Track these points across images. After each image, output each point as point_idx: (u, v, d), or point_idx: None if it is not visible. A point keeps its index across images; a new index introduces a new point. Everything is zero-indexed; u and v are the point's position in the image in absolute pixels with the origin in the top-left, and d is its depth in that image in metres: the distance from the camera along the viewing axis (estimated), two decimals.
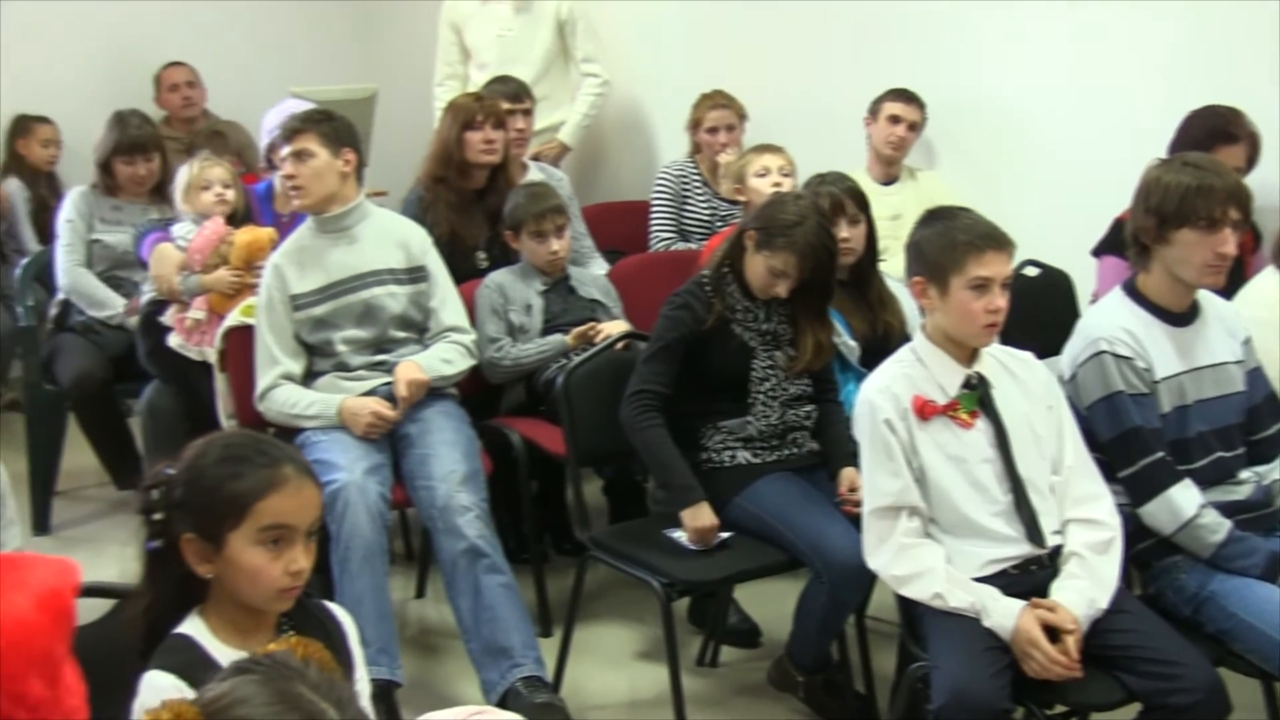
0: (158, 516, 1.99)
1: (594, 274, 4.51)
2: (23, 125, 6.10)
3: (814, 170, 3.81)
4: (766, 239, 3.33)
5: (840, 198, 3.63)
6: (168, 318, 4.22)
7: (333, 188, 3.70)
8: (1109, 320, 2.96)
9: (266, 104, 4.86)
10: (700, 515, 3.25)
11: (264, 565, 1.98)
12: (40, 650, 1.46)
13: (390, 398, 3.65)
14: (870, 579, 3.05)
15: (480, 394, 4.06)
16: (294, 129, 3.70)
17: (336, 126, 3.73)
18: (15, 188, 6.01)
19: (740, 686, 3.65)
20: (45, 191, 6.08)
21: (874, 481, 2.80)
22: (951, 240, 2.75)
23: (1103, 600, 2.68)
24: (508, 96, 4.90)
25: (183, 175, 4.39)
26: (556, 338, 4.07)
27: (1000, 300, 2.74)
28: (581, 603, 3.54)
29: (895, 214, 4.71)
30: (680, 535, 3.28)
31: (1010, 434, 2.78)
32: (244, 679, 1.42)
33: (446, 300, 3.86)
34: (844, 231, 3.63)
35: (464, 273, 4.24)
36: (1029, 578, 2.74)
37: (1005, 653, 2.62)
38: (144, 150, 4.96)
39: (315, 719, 1.40)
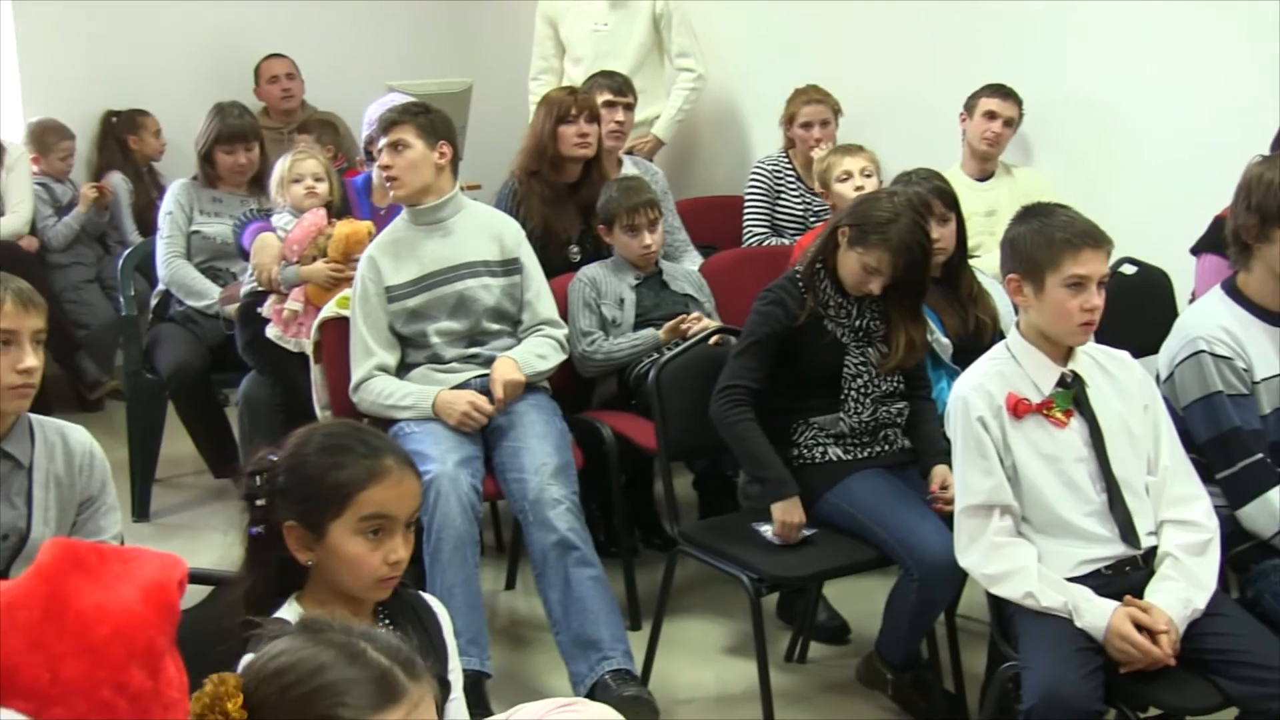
0: (260, 502, 2.02)
1: (687, 268, 4.51)
2: (130, 120, 6.25)
3: (909, 167, 3.78)
4: (860, 236, 3.30)
5: (926, 197, 3.60)
6: (266, 309, 4.29)
7: (428, 179, 3.74)
8: (1208, 319, 2.91)
9: (363, 96, 4.93)
10: (791, 510, 3.25)
11: (364, 554, 2.01)
12: (144, 642, 1.50)
13: (484, 390, 3.68)
14: (961, 577, 3.03)
15: (572, 387, 4.08)
16: (391, 120, 3.74)
17: (433, 119, 3.76)
18: (118, 180, 6.16)
19: (828, 683, 3.64)
20: (147, 184, 6.23)
21: (966, 479, 2.78)
22: (1048, 238, 2.72)
23: (1199, 602, 2.63)
24: (611, 90, 4.92)
25: (278, 168, 4.46)
26: (649, 332, 4.08)
27: (1096, 299, 2.71)
28: (670, 597, 3.55)
29: (990, 210, 4.66)
30: (766, 529, 3.28)
31: (1105, 433, 2.74)
32: (282, 640, 1.49)
33: (541, 293, 3.89)
34: (934, 231, 3.60)
35: (556, 266, 4.27)
36: (1123, 579, 2.70)
37: (1098, 654, 2.58)
38: (244, 139, 5.05)
39: (347, 647, 1.47)
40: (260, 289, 4.31)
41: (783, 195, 5.19)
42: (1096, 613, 2.59)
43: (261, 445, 2.11)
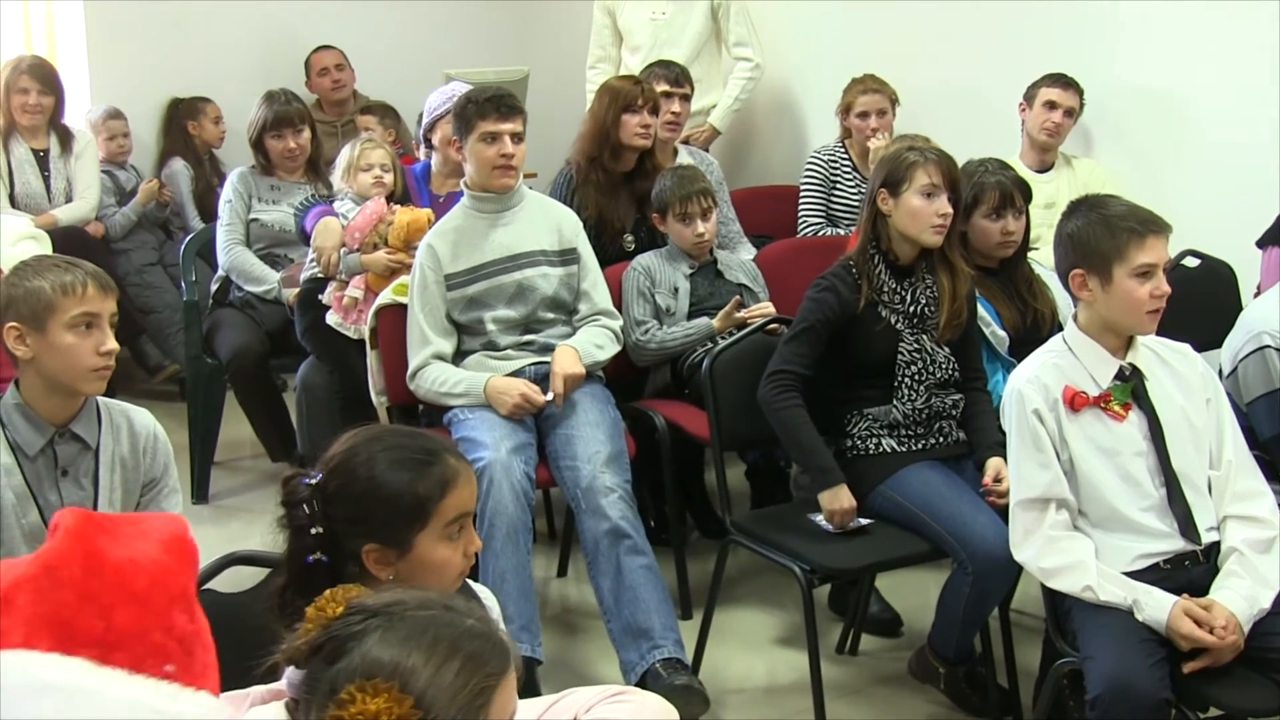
0: (317, 530, 1.97)
1: (741, 258, 4.50)
2: (191, 107, 6.33)
3: (966, 158, 3.75)
4: (897, 179, 3.31)
5: (1010, 189, 3.57)
6: (326, 296, 4.32)
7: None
8: (1273, 314, 2.88)
9: (415, 86, 4.95)
10: (838, 497, 3.24)
11: (451, 556, 2.03)
12: (178, 588, 1.54)
13: (537, 378, 3.69)
14: (1016, 571, 3.01)
15: (626, 376, 4.08)
16: (513, 109, 3.75)
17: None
18: (180, 168, 6.24)
19: (880, 675, 3.63)
20: (208, 171, 6.30)
21: (1022, 472, 2.76)
22: (1111, 228, 2.69)
23: (1265, 600, 2.60)
24: (668, 80, 4.92)
25: (344, 155, 4.49)
26: (702, 321, 4.07)
27: (1166, 285, 2.69)
28: (722, 586, 3.54)
29: (1049, 202, 4.61)
30: (821, 518, 3.27)
31: (1165, 427, 2.72)
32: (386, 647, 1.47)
33: (597, 283, 3.90)
34: (1010, 224, 3.58)
35: (611, 255, 4.28)
36: (1182, 572, 2.68)
37: (1162, 645, 2.55)
38: (292, 124, 5.08)
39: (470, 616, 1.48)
40: (321, 275, 4.34)
41: (838, 185, 5.17)
42: (1158, 605, 2.57)
43: (315, 433, 2.11)
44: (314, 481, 1.99)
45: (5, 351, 2.63)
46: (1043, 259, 3.86)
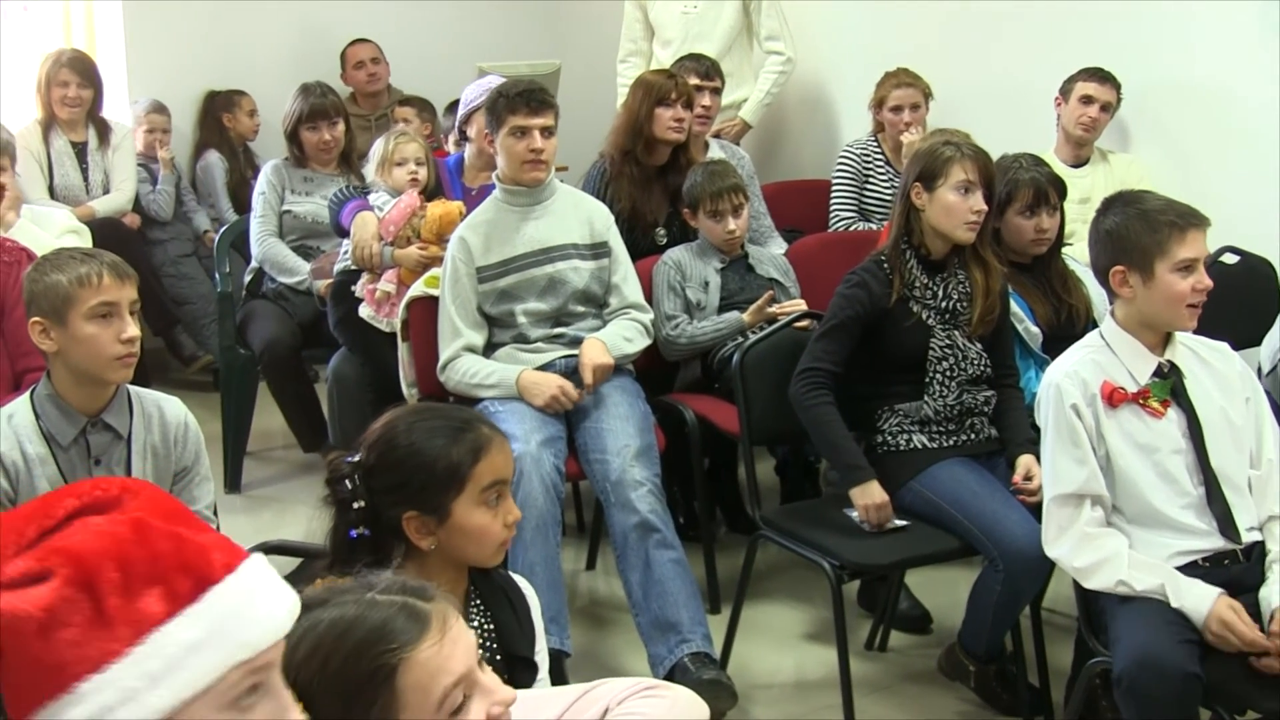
0: (359, 504, 2.04)
1: (772, 253, 4.49)
2: (226, 100, 6.37)
3: (1001, 152, 3.72)
4: (932, 173, 3.29)
5: (1044, 186, 3.55)
6: (359, 289, 4.33)
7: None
8: None
9: (447, 80, 4.95)
10: (870, 492, 3.22)
11: (488, 523, 2.09)
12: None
13: (567, 371, 3.69)
14: (1048, 569, 2.99)
15: (656, 370, 4.08)
16: (545, 103, 3.74)
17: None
18: (214, 160, 6.28)
19: (909, 672, 3.61)
20: (242, 164, 6.34)
21: (1057, 468, 2.74)
22: (1151, 224, 2.67)
23: None
24: (699, 74, 4.91)
25: (378, 148, 4.50)
26: (733, 315, 4.06)
27: (1207, 279, 2.66)
28: (751, 581, 3.54)
29: (1084, 197, 4.57)
30: (856, 514, 3.26)
31: (1204, 425, 2.69)
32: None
33: (628, 277, 3.90)
34: (1043, 222, 3.55)
35: (643, 249, 4.27)
36: (1222, 571, 2.65)
37: (1194, 630, 2.52)
38: (327, 116, 5.11)
39: (359, 602, 1.54)
40: (353, 268, 4.36)
41: (871, 179, 5.14)
42: (1198, 595, 2.53)
43: (347, 425, 2.14)
44: (356, 458, 2.08)
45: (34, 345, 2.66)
46: (1077, 254, 3.83)
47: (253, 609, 1.28)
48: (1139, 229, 2.68)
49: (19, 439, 2.63)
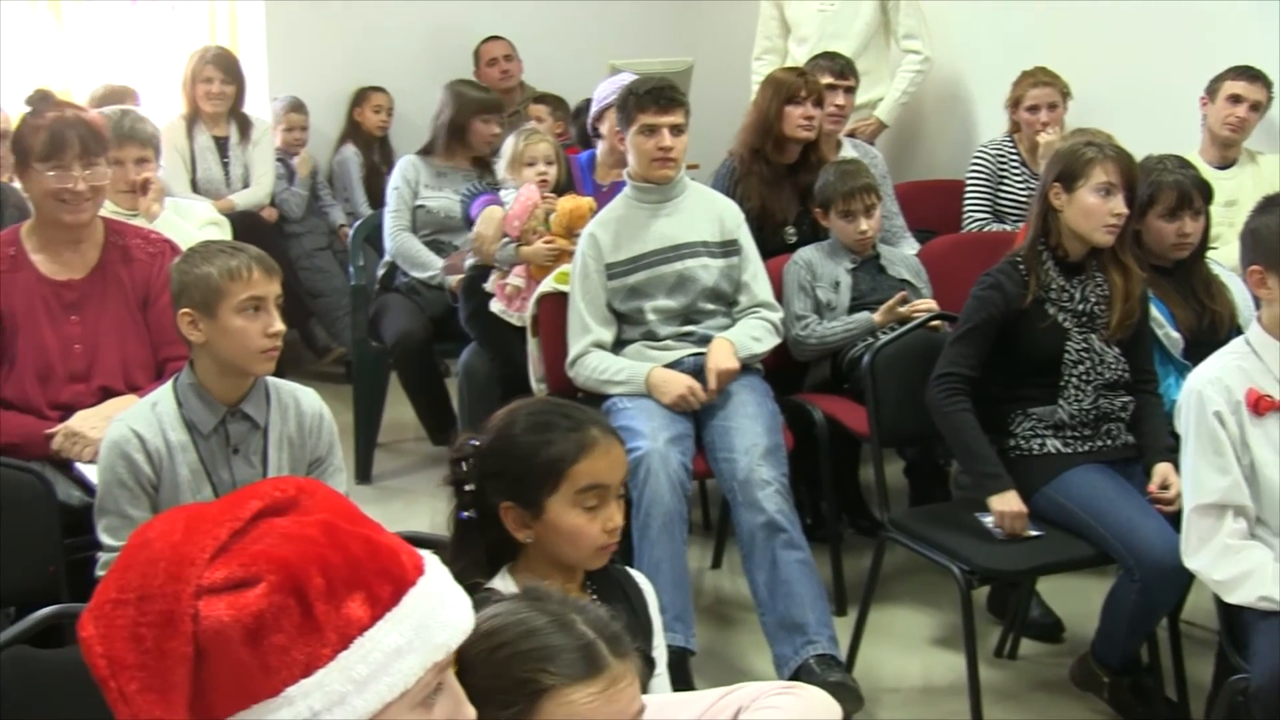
0: (469, 487, 2.08)
1: (904, 253, 4.44)
2: (359, 95, 6.50)
3: (1143, 154, 3.63)
4: (1072, 174, 3.22)
5: (1189, 189, 3.45)
6: (490, 284, 4.37)
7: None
8: None
9: (580, 77, 4.97)
10: (1008, 500, 3.17)
11: (583, 525, 2.06)
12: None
13: (695, 369, 3.69)
14: (1187, 580, 2.92)
15: (785, 369, 4.06)
16: (675, 101, 3.75)
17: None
18: (350, 154, 6.40)
19: (1039, 681, 3.55)
20: (377, 158, 6.45)
21: (1199, 477, 2.67)
22: None
23: None
24: (833, 72, 4.88)
25: (509, 146, 4.54)
26: (863, 315, 4.03)
27: None
28: (878, 584, 3.50)
29: (1230, 200, 4.45)
30: (989, 520, 3.21)
31: None
32: (502, 604, 1.59)
33: (758, 275, 3.88)
34: (1186, 226, 3.46)
35: (772, 248, 4.25)
36: None
37: None
38: (498, 111, 5.22)
39: (559, 617, 1.55)
40: (483, 264, 4.40)
41: (1006, 180, 5.06)
42: None
43: (477, 419, 2.17)
44: (476, 443, 2.09)
45: (179, 334, 2.72)
46: (1222, 258, 3.74)
47: (445, 610, 1.30)
48: (1278, 228, 2.61)
49: (162, 426, 2.69)
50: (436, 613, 1.29)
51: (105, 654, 1.22)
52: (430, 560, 1.35)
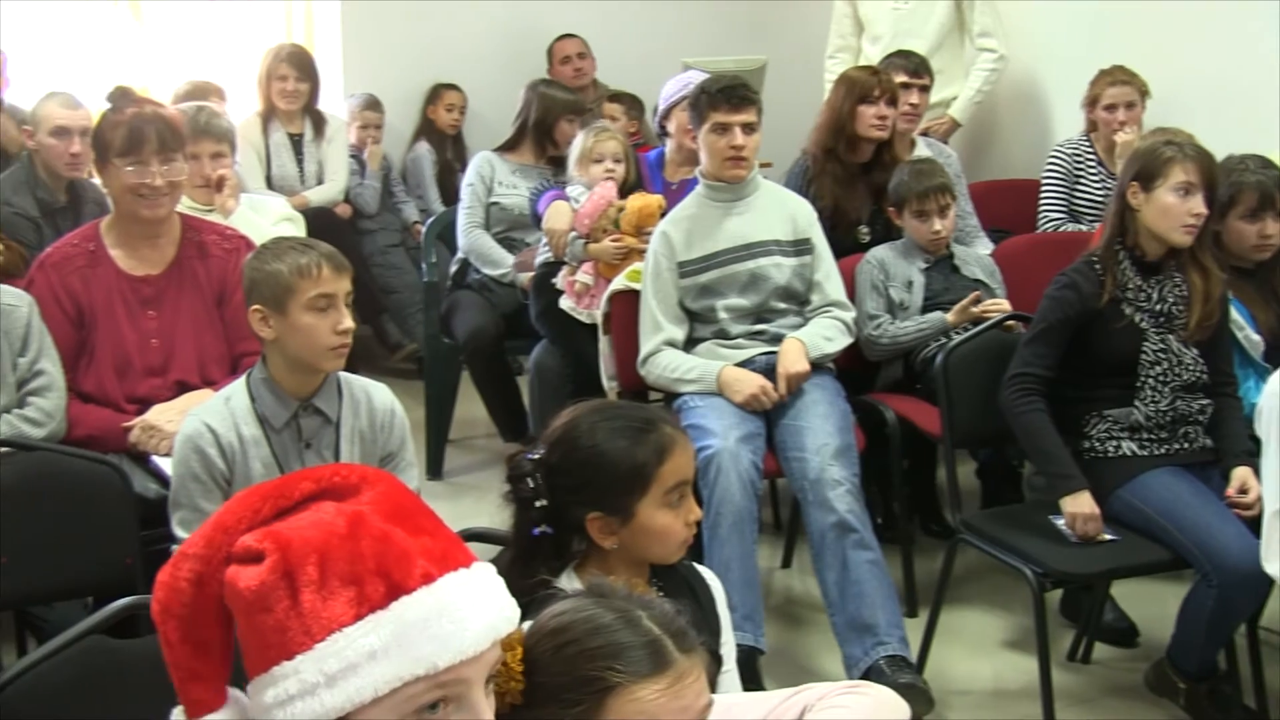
0: (542, 503, 2.04)
1: (978, 253, 4.41)
2: (434, 92, 6.56)
3: (1223, 154, 3.57)
4: (1150, 173, 3.18)
5: (1271, 190, 3.40)
6: (560, 281, 4.39)
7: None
8: None
9: (653, 75, 4.97)
10: (1081, 502, 3.13)
11: (671, 523, 2.07)
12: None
13: (767, 368, 3.68)
14: (1267, 587, 2.87)
15: (857, 369, 4.04)
16: (747, 99, 3.75)
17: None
18: (424, 151, 6.46)
19: (1113, 686, 3.50)
20: (450, 155, 6.49)
21: None
22: None
23: None
24: (907, 71, 4.85)
25: (578, 143, 4.55)
26: (937, 315, 4.00)
27: None
28: (949, 586, 3.48)
29: None
30: (1062, 522, 3.17)
31: None
32: (568, 600, 1.59)
33: (830, 274, 3.87)
34: (1268, 228, 3.40)
35: (845, 247, 4.23)
36: None
37: None
38: (583, 112, 5.25)
39: (626, 614, 1.54)
40: (554, 260, 4.42)
41: (1082, 180, 5.00)
42: None
43: (547, 416, 2.15)
44: (537, 456, 2.06)
45: (251, 330, 2.75)
46: None
47: (439, 625, 1.28)
48: None
49: (235, 421, 2.72)
50: (428, 625, 1.28)
51: (160, 599, 1.31)
52: (459, 574, 1.33)
